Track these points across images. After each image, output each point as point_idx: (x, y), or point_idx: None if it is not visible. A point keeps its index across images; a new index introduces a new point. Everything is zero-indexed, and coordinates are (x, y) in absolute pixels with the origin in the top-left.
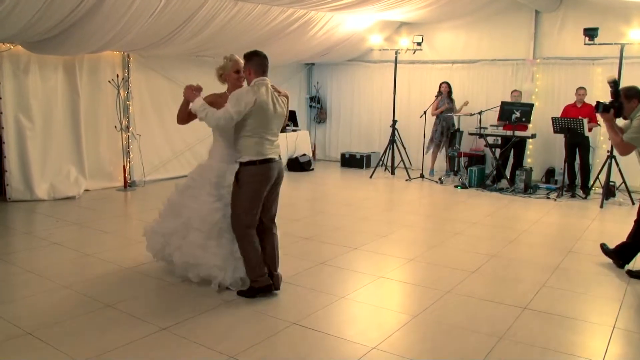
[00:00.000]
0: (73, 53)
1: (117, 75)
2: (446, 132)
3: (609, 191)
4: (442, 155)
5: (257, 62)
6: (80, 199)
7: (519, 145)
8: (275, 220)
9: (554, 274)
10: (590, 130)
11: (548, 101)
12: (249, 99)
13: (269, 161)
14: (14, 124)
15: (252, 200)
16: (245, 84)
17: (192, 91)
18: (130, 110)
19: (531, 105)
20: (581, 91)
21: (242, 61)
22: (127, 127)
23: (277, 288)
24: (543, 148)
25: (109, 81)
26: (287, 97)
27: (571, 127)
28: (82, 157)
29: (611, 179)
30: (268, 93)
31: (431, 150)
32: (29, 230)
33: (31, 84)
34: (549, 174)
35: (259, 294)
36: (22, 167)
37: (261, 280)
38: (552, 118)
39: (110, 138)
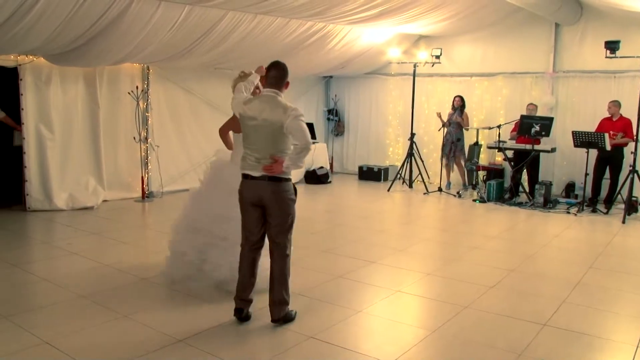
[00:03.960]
0: (94, 65)
1: (137, 87)
2: (453, 145)
3: (631, 206)
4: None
5: (268, 74)
6: (99, 209)
7: (533, 160)
8: (280, 244)
9: (574, 290)
10: (626, 144)
11: (568, 115)
12: (236, 108)
13: (245, 177)
14: (35, 135)
15: (242, 216)
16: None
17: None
18: (149, 122)
19: (551, 119)
20: (611, 104)
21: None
22: (146, 138)
23: (273, 319)
24: (563, 162)
25: (129, 93)
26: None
27: (592, 141)
28: (100, 167)
29: (633, 194)
30: (257, 104)
31: (444, 163)
32: (47, 239)
33: (52, 95)
34: (569, 188)
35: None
36: (42, 177)
37: (235, 300)
38: (572, 132)
39: (129, 149)
